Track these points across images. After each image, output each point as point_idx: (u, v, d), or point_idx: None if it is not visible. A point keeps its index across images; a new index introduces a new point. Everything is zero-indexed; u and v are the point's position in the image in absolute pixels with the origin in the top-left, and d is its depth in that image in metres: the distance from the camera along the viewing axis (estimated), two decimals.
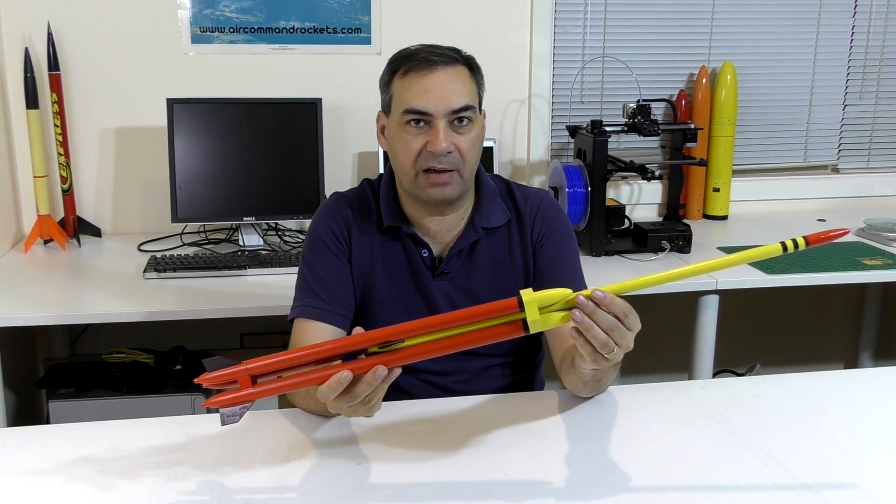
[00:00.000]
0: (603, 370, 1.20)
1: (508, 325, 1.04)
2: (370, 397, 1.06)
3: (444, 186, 1.37)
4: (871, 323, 3.00)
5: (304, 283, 1.45)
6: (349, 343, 1.05)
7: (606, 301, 1.04)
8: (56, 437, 1.24)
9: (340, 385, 1.02)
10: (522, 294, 1.02)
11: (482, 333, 1.05)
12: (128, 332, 2.36)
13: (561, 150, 2.79)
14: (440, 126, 1.34)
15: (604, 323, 1.04)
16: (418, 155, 1.36)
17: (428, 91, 1.34)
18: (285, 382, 1.05)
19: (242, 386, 1.04)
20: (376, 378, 1.03)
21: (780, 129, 2.91)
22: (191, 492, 1.09)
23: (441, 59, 1.36)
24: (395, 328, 1.04)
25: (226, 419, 1.05)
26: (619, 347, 1.07)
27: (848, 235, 2.50)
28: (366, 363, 1.04)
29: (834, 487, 1.10)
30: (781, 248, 1.02)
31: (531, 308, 1.01)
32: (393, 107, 1.40)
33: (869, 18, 2.86)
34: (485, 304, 1.04)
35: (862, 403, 1.36)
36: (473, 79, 1.40)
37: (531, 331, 1.03)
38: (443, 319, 1.04)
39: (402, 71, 1.37)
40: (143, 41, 2.47)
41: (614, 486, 1.10)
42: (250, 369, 1.03)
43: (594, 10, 2.70)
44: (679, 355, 2.51)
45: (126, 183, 2.55)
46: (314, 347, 1.05)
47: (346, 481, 1.12)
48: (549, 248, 1.48)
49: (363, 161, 2.65)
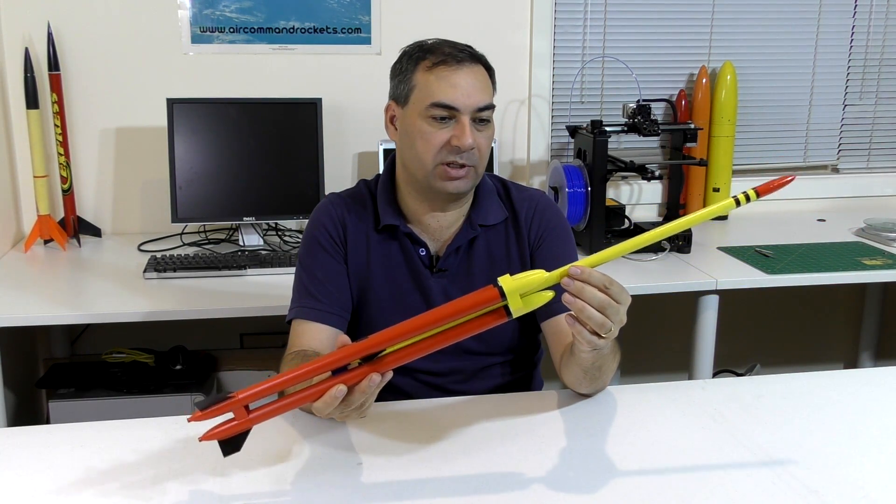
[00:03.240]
0: (602, 356, 1.21)
1: (492, 314, 1.04)
2: (363, 403, 1.07)
3: (460, 180, 1.39)
4: (871, 323, 3.00)
5: (300, 285, 1.45)
6: (336, 359, 1.04)
7: (585, 275, 1.05)
8: (56, 437, 1.24)
9: (336, 400, 1.03)
10: (501, 283, 1.02)
11: (467, 325, 1.05)
12: (128, 332, 2.36)
13: (561, 150, 2.79)
14: (466, 122, 1.36)
15: (595, 301, 1.05)
16: (441, 148, 1.37)
17: (457, 87, 1.36)
18: (280, 404, 1.05)
19: (238, 416, 1.04)
20: (371, 386, 1.03)
21: (780, 129, 2.91)
22: (191, 492, 1.09)
23: (467, 57, 1.38)
24: (382, 335, 1.04)
25: (227, 450, 1.05)
26: (614, 323, 1.08)
27: (848, 235, 2.54)
28: (357, 373, 1.04)
29: (834, 487, 1.10)
30: (734, 203, 1.04)
31: (513, 297, 1.02)
32: (414, 98, 1.39)
33: (869, 18, 2.86)
34: (465, 297, 1.03)
35: (862, 403, 1.36)
36: (491, 80, 1.43)
37: (514, 316, 1.03)
38: (426, 320, 1.04)
39: (428, 63, 1.37)
40: (143, 41, 2.47)
41: (614, 486, 1.10)
42: (241, 400, 1.03)
43: (594, 10, 2.70)
44: (679, 355, 2.50)
45: (126, 183, 2.55)
46: (301, 368, 1.04)
47: (346, 481, 1.12)
48: (547, 248, 1.49)
49: (363, 161, 2.65)
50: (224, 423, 1.05)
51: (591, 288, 1.05)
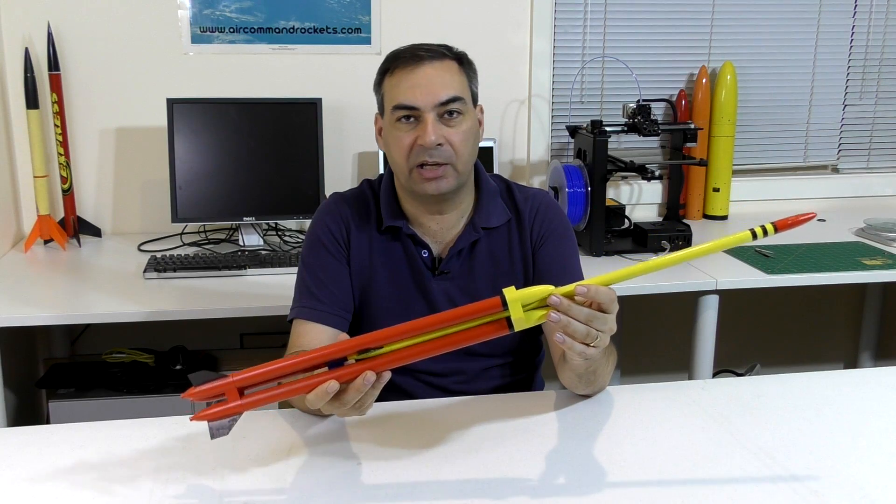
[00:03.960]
0: (595, 361, 1.21)
1: (493, 324, 1.04)
2: (361, 402, 1.06)
3: (438, 180, 1.37)
4: (871, 323, 3.00)
5: (302, 285, 1.45)
6: (334, 351, 1.04)
7: (591, 293, 1.04)
8: (56, 437, 1.24)
9: (327, 395, 1.02)
10: (505, 293, 1.02)
11: (468, 333, 1.05)
12: (128, 332, 2.36)
13: (561, 150, 2.79)
14: (429, 119, 1.35)
15: (581, 316, 1.05)
16: (410, 150, 1.36)
17: (414, 86, 1.35)
18: (272, 393, 1.05)
19: (230, 399, 1.04)
20: (365, 384, 1.03)
21: (780, 129, 2.91)
22: (191, 492, 1.09)
23: (428, 54, 1.36)
24: (380, 333, 1.04)
25: (215, 432, 1.05)
26: (603, 332, 1.08)
27: (848, 235, 2.54)
28: (353, 369, 1.04)
29: (834, 487, 1.10)
30: (751, 235, 1.03)
31: (514, 306, 1.02)
32: (385, 106, 1.41)
33: (869, 18, 2.86)
34: (469, 305, 1.04)
35: (862, 403, 1.36)
36: (463, 72, 1.40)
37: (515, 329, 1.03)
38: (428, 322, 1.04)
39: (390, 70, 1.39)
40: (143, 41, 2.47)
41: (614, 486, 1.10)
42: (236, 382, 1.03)
43: (594, 10, 2.70)
44: (679, 355, 2.50)
45: (126, 183, 2.55)
46: (299, 357, 1.05)
47: (345, 481, 1.12)
48: (549, 248, 1.48)
49: (363, 161, 2.65)
50: (216, 405, 1.04)
51: (577, 306, 1.05)
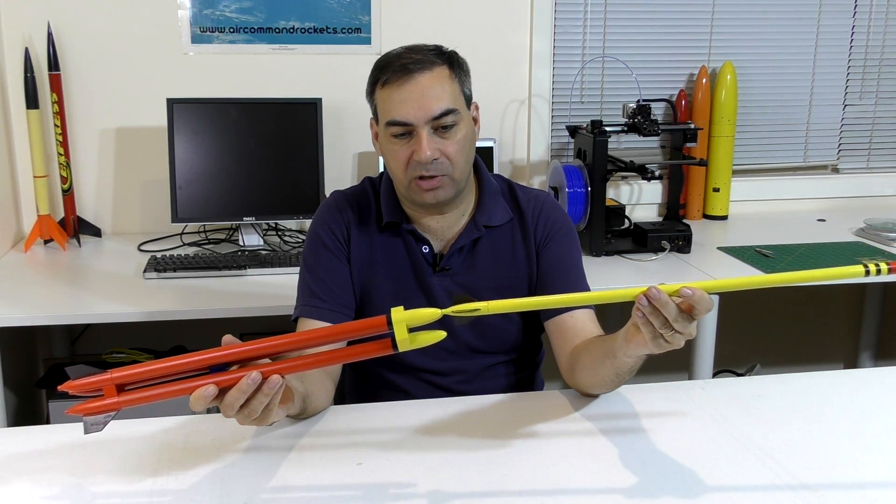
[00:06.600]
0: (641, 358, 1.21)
1: (377, 343, 1.03)
2: (268, 408, 1.05)
3: (435, 190, 1.37)
4: (871, 323, 3.00)
5: (304, 284, 1.46)
6: (217, 356, 1.04)
7: (694, 297, 1.02)
8: (56, 437, 1.24)
9: (205, 398, 1.01)
10: (393, 312, 1.01)
11: (352, 350, 1.06)
12: (128, 332, 2.36)
13: (561, 150, 2.79)
14: (423, 135, 1.34)
15: (671, 313, 1.03)
16: (407, 164, 1.36)
17: (406, 101, 1.33)
18: (151, 392, 1.04)
19: (107, 395, 1.03)
20: (250, 383, 1.01)
21: (780, 129, 2.91)
22: (191, 492, 1.09)
23: (417, 64, 1.34)
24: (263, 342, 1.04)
25: (89, 427, 1.04)
26: (682, 334, 1.06)
27: (848, 235, 2.54)
28: (235, 374, 1.03)
29: (834, 487, 1.10)
30: (864, 272, 1.05)
31: (399, 327, 1.01)
32: (379, 116, 1.40)
33: (869, 18, 2.86)
34: (354, 322, 1.07)
35: (862, 403, 1.36)
36: (455, 77, 1.38)
37: (399, 349, 1.01)
38: (309, 336, 1.06)
39: (381, 81, 1.37)
40: (143, 41, 2.47)
41: (614, 486, 1.10)
42: (115, 378, 1.03)
43: (594, 10, 2.70)
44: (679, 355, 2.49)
45: (126, 183, 2.55)
46: (178, 359, 1.04)
47: (346, 481, 1.12)
48: (553, 249, 1.48)
49: (363, 161, 2.65)
50: (91, 400, 1.03)
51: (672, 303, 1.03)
